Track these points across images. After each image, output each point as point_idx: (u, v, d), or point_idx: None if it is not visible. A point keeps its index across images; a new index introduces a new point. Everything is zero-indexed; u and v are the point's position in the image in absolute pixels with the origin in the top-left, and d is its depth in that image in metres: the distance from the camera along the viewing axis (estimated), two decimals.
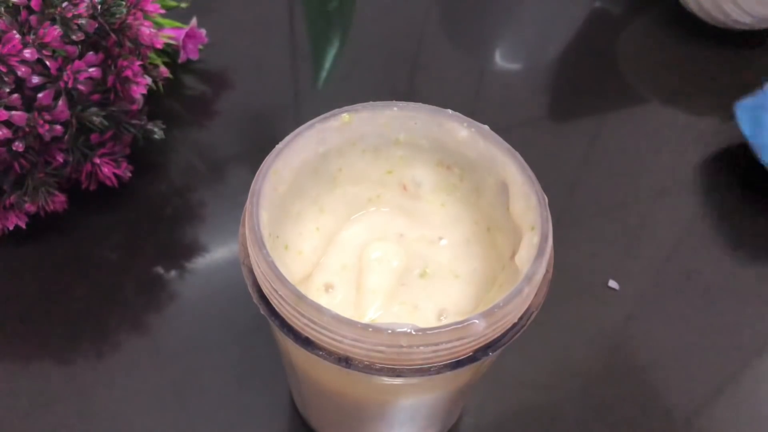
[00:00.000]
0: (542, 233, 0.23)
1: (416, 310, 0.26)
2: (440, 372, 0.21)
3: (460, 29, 0.56)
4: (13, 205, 0.37)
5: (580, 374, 0.36)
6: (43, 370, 0.36)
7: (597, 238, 0.43)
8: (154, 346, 0.37)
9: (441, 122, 0.26)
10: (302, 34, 0.55)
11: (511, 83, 0.53)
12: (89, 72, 0.35)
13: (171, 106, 0.49)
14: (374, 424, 0.29)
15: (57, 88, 0.34)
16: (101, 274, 0.39)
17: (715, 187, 0.46)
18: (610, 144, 0.48)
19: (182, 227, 0.42)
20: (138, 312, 0.38)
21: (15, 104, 0.33)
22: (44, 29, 0.33)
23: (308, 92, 0.51)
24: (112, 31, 0.36)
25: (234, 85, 0.50)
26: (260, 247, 0.22)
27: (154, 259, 0.40)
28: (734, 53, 0.41)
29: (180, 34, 0.48)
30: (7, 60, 0.33)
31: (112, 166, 0.39)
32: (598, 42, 0.56)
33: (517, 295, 0.21)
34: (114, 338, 0.37)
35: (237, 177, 0.45)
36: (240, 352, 0.36)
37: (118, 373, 0.36)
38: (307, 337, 0.22)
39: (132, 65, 0.37)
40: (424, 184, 0.29)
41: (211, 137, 0.47)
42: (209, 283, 0.39)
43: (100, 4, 0.35)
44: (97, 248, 0.40)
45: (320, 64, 0.53)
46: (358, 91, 0.51)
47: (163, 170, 0.45)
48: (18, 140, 0.34)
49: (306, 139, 0.26)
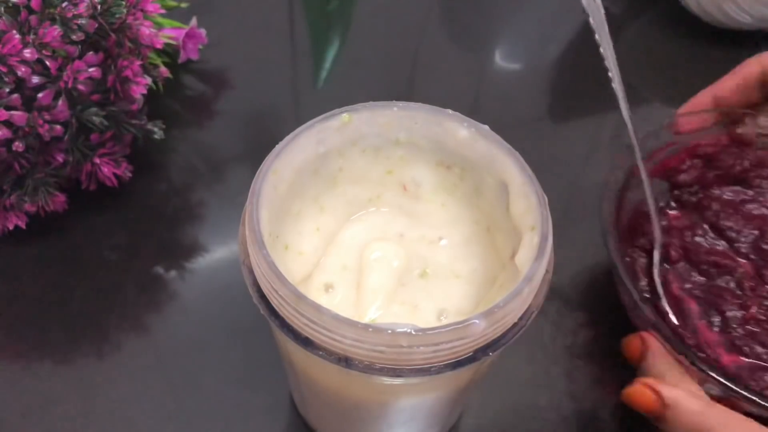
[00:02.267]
0: (542, 233, 0.23)
1: (416, 310, 0.26)
2: (440, 372, 0.21)
3: (460, 29, 0.56)
4: (13, 205, 0.37)
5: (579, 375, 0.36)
6: (43, 370, 0.36)
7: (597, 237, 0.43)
8: (154, 346, 0.37)
9: (441, 122, 0.26)
10: (302, 34, 0.56)
11: (511, 83, 0.53)
12: (89, 72, 0.35)
13: (171, 106, 0.49)
14: (374, 425, 0.29)
15: (57, 88, 0.34)
16: (101, 274, 0.39)
17: None
18: (610, 144, 0.48)
19: (182, 227, 0.42)
20: (138, 312, 0.38)
21: (15, 104, 0.33)
22: (44, 29, 0.33)
23: (308, 92, 0.51)
24: (112, 31, 0.36)
25: (234, 85, 0.50)
26: (260, 247, 0.22)
27: (154, 259, 0.40)
28: (734, 53, 0.41)
29: (180, 34, 0.48)
30: (7, 60, 0.33)
31: (112, 166, 0.39)
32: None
33: (517, 295, 0.21)
34: (114, 338, 0.37)
35: (237, 177, 0.45)
36: (240, 352, 0.36)
37: (118, 372, 0.36)
38: (306, 337, 0.22)
39: (132, 65, 0.37)
40: (424, 184, 0.29)
41: (210, 137, 0.47)
42: (209, 283, 0.39)
43: (100, 4, 0.35)
44: (97, 248, 0.40)
45: (320, 64, 0.53)
46: (358, 91, 0.51)
47: (163, 170, 0.45)
48: (18, 140, 0.34)
49: (306, 139, 0.26)
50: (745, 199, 0.38)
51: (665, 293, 0.35)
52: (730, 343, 0.33)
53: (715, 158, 0.38)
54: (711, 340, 0.33)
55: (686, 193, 0.38)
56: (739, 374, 0.32)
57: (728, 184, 0.38)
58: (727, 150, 0.38)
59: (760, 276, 0.35)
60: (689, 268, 0.36)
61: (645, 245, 0.36)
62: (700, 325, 0.34)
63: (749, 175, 0.38)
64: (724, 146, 0.38)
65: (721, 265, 0.35)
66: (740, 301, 0.34)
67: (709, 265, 0.35)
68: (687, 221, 0.38)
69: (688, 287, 0.35)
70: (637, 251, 0.36)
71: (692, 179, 0.38)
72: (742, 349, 0.33)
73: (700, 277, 0.35)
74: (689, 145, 0.38)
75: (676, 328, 0.34)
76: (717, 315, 0.34)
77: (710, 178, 0.38)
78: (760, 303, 0.34)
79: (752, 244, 0.36)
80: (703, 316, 0.34)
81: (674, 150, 0.38)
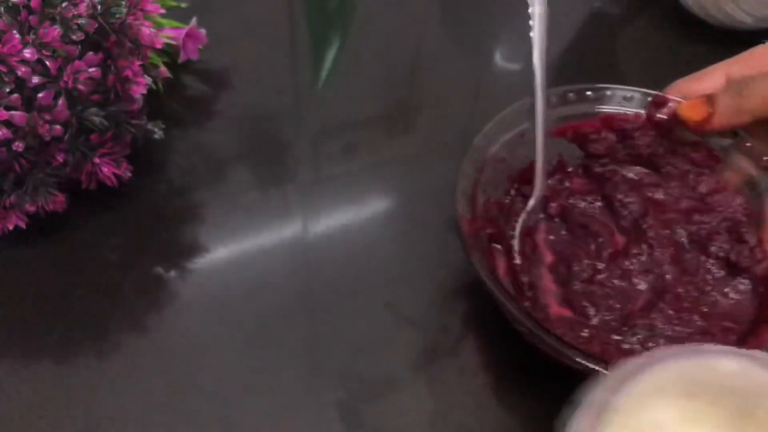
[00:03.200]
0: None
1: None
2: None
3: (461, 30, 0.56)
4: (13, 204, 0.37)
5: None
6: (44, 370, 0.36)
7: None
8: (154, 345, 0.37)
9: None
10: (302, 34, 0.56)
11: (511, 83, 0.53)
12: (89, 72, 0.35)
13: (171, 106, 0.49)
14: None
15: (57, 88, 0.34)
16: (101, 274, 0.39)
17: None
18: None
19: (182, 227, 0.42)
20: (138, 312, 0.38)
21: (15, 104, 0.33)
22: (44, 29, 0.33)
23: (308, 92, 0.51)
24: (112, 31, 0.36)
25: (234, 85, 0.50)
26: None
27: (154, 259, 0.40)
28: (734, 53, 0.41)
29: (180, 34, 0.48)
30: (7, 60, 0.33)
31: (112, 166, 0.39)
32: (598, 42, 0.56)
33: None
34: (114, 338, 0.37)
35: (237, 177, 0.45)
36: (239, 352, 0.36)
37: (118, 372, 0.36)
38: None
39: (132, 65, 0.37)
40: None
41: (211, 137, 0.47)
42: (209, 283, 0.39)
43: (100, 4, 0.35)
44: (97, 248, 0.40)
45: (320, 64, 0.53)
46: (358, 92, 0.51)
47: (163, 170, 0.45)
48: (18, 140, 0.34)
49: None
50: (647, 182, 0.39)
51: (524, 235, 0.36)
52: (563, 296, 0.35)
53: (630, 136, 0.39)
54: (548, 288, 0.35)
55: (597, 164, 0.39)
56: (559, 326, 0.33)
57: (637, 164, 0.39)
58: (644, 130, 0.39)
59: (626, 252, 0.36)
60: (561, 224, 0.38)
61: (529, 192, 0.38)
62: (545, 272, 0.35)
63: (660, 161, 0.39)
64: (641, 126, 0.39)
65: (591, 231, 0.37)
66: (592, 262, 0.36)
67: (579, 226, 0.37)
68: (586, 188, 0.39)
69: (552, 239, 0.37)
70: (521, 197, 0.38)
71: (603, 151, 0.39)
72: (573, 304, 0.34)
73: (567, 234, 0.37)
74: (603, 114, 0.39)
75: (516, 267, 0.35)
76: (564, 268, 0.35)
77: (621, 155, 0.39)
78: (611, 272, 0.35)
79: (634, 222, 0.37)
80: (552, 269, 0.36)
81: (589, 115, 0.39)
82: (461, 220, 0.33)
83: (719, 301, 0.35)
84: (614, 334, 0.33)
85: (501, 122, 0.37)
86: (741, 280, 0.35)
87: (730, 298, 0.35)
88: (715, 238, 0.36)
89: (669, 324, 0.34)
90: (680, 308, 0.34)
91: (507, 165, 0.38)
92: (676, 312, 0.34)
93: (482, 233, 0.35)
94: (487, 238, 0.35)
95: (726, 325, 0.34)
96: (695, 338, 0.33)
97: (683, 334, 0.33)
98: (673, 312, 0.34)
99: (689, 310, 0.34)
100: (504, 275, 0.35)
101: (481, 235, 0.35)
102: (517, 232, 0.37)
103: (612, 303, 0.34)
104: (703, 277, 0.36)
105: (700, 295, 0.35)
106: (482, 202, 0.36)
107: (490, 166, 0.36)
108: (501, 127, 0.37)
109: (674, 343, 0.32)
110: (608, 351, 0.32)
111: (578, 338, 0.33)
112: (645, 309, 0.34)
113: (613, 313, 0.34)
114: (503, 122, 0.37)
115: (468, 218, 0.33)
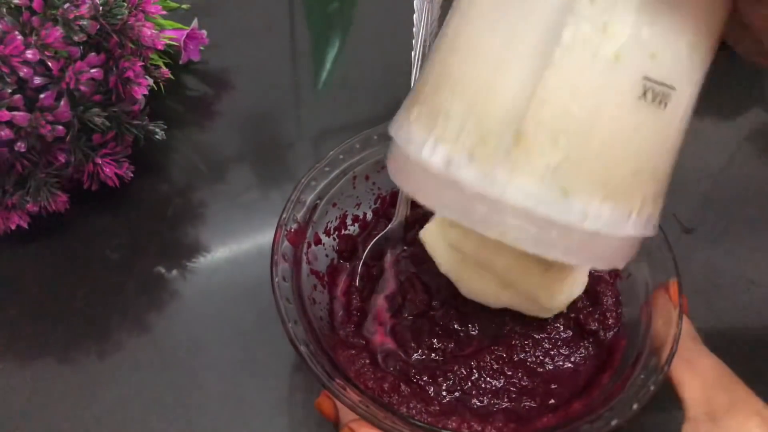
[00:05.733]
0: None
1: None
2: None
3: None
4: (15, 205, 0.38)
5: None
6: (44, 370, 0.36)
7: None
8: (155, 345, 0.37)
9: None
10: (303, 35, 0.56)
11: None
12: (91, 73, 0.35)
13: (172, 106, 0.49)
14: None
15: (59, 88, 0.35)
16: (103, 274, 0.39)
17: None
18: None
19: (183, 227, 0.42)
20: (139, 311, 0.38)
21: (17, 105, 0.34)
22: (46, 30, 0.34)
23: (308, 93, 0.52)
24: (114, 32, 0.36)
25: (235, 86, 0.50)
26: None
27: (155, 258, 0.40)
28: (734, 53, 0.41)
29: (181, 35, 0.48)
30: (10, 61, 0.33)
31: (113, 166, 0.39)
32: None
33: None
34: (115, 337, 0.37)
35: (237, 177, 0.45)
36: (240, 352, 0.37)
37: (119, 372, 0.36)
38: None
39: (133, 66, 0.38)
40: None
41: (211, 138, 0.47)
42: (210, 282, 0.40)
43: (102, 6, 0.36)
44: (98, 248, 0.41)
45: (320, 65, 0.53)
46: (359, 92, 0.51)
47: (165, 170, 0.45)
48: (20, 140, 0.34)
49: None
50: None
51: (378, 259, 0.35)
52: (392, 327, 0.33)
53: None
54: (380, 317, 0.33)
55: None
56: (384, 352, 0.32)
57: None
58: None
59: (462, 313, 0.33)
60: (413, 255, 0.35)
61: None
62: (381, 300, 0.34)
63: None
64: None
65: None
66: (427, 301, 0.34)
67: (428, 258, 0.34)
68: None
69: (403, 269, 0.35)
70: (385, 219, 0.36)
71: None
72: (396, 336, 0.33)
73: (414, 266, 0.35)
74: None
75: (354, 288, 0.34)
76: (400, 299, 0.34)
77: None
78: (446, 312, 0.33)
79: None
80: (389, 298, 0.34)
81: None
82: (281, 227, 0.32)
83: (555, 362, 0.32)
84: (425, 375, 0.31)
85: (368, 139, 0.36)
86: (586, 344, 0.32)
87: (569, 361, 0.32)
88: None
89: (491, 376, 0.31)
90: (508, 362, 0.31)
91: (375, 185, 0.36)
92: (502, 365, 0.31)
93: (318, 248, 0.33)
94: (337, 255, 0.35)
95: (552, 388, 0.31)
96: (510, 396, 0.31)
97: (498, 389, 0.31)
98: (498, 365, 0.31)
99: (516, 366, 0.31)
100: (341, 294, 0.34)
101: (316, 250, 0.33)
102: (365, 254, 0.35)
103: (436, 342, 0.32)
104: (548, 333, 0.32)
105: (534, 351, 0.32)
106: (338, 215, 0.35)
107: (349, 180, 0.35)
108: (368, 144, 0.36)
109: (484, 397, 0.30)
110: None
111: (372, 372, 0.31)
112: (472, 356, 0.32)
113: (436, 353, 0.32)
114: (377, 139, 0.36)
115: (295, 228, 0.32)
